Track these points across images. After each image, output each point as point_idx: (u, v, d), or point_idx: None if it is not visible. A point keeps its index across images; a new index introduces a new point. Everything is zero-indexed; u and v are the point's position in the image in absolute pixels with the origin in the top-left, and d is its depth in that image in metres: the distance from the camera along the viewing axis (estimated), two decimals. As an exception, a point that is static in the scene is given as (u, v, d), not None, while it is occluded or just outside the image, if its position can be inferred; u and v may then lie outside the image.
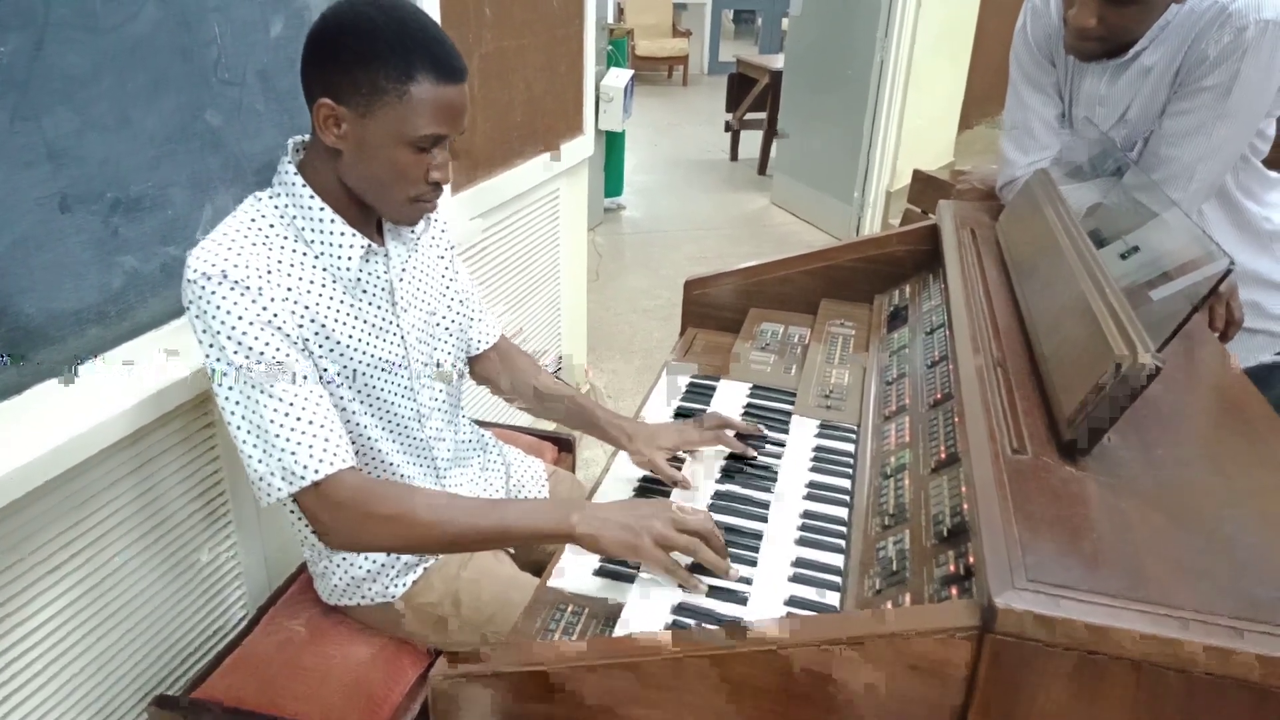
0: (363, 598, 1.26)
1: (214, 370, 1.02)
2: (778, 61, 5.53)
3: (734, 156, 6.57)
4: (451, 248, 1.34)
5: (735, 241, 4.89)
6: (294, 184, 1.08)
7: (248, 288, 1.01)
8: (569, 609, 1.04)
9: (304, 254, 1.08)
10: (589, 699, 0.83)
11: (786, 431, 1.33)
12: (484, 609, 1.23)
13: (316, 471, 1.01)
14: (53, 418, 1.10)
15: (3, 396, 1.07)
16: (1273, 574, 0.71)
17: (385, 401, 1.18)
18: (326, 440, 1.03)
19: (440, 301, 1.26)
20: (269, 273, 1.03)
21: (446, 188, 1.88)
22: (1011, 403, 0.93)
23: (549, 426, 1.83)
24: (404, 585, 1.25)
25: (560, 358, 2.78)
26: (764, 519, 1.13)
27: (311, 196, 1.07)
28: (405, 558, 1.24)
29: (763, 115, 5.98)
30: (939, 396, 1.15)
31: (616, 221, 5.16)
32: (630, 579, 1.03)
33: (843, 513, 1.12)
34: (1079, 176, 1.37)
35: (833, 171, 4.85)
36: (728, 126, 6.42)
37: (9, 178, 1.02)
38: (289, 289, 1.05)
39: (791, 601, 0.97)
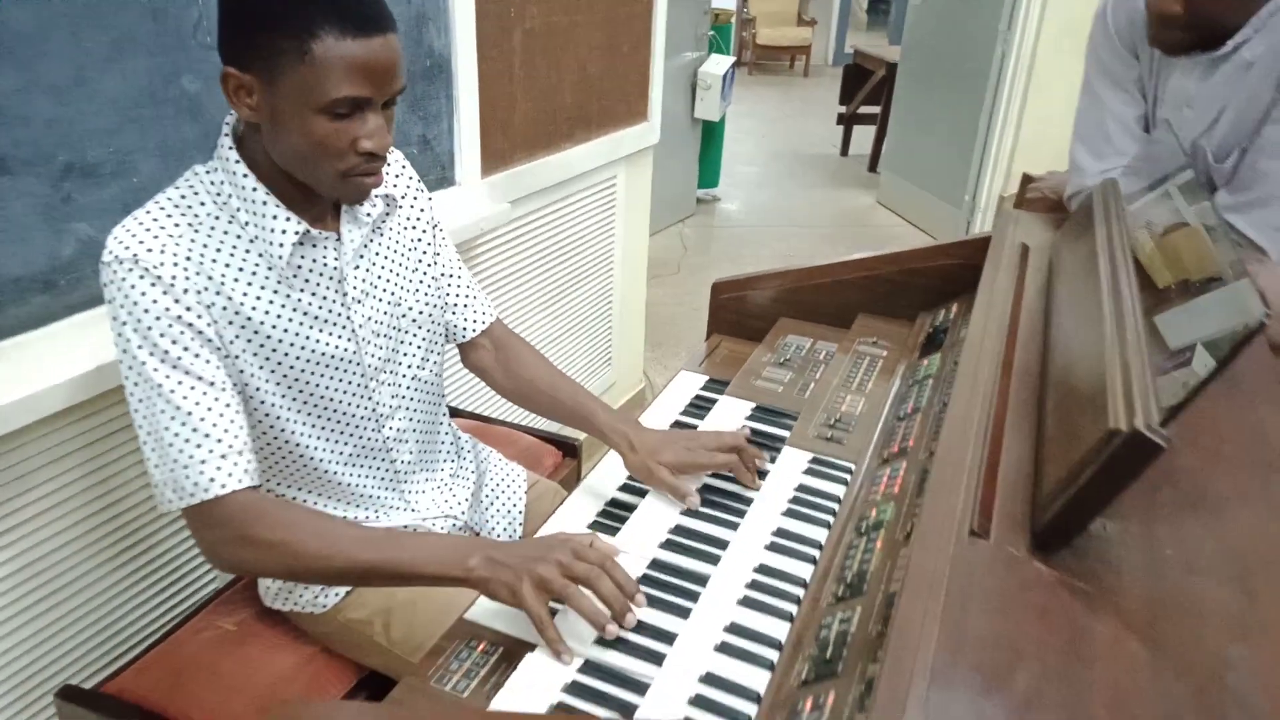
0: (295, 604, 1.17)
1: (120, 361, 0.95)
2: (896, 53, 5.23)
3: (844, 152, 6.29)
4: (435, 226, 1.23)
5: (831, 241, 4.65)
6: (228, 159, 0.98)
7: (159, 277, 0.92)
8: (480, 647, 0.93)
9: (237, 237, 0.98)
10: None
11: (774, 462, 1.17)
12: (414, 635, 1.13)
13: (206, 490, 0.93)
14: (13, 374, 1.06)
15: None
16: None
17: (330, 401, 1.08)
18: (223, 457, 0.94)
19: (408, 290, 1.15)
20: (188, 259, 0.94)
21: (466, 167, 1.82)
22: (993, 467, 0.75)
23: (556, 427, 1.71)
24: (336, 596, 1.16)
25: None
26: (715, 561, 0.98)
27: (245, 175, 0.98)
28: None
29: (877, 109, 5.69)
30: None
31: (709, 213, 5.00)
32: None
33: (806, 570, 0.96)
34: (1155, 191, 1.15)
35: (943, 172, 4.55)
36: (840, 120, 6.14)
37: (-66, 135, 0.97)
38: (210, 278, 0.96)
39: (709, 679, 0.82)
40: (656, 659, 0.86)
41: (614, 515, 1.11)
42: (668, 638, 0.88)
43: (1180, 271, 0.95)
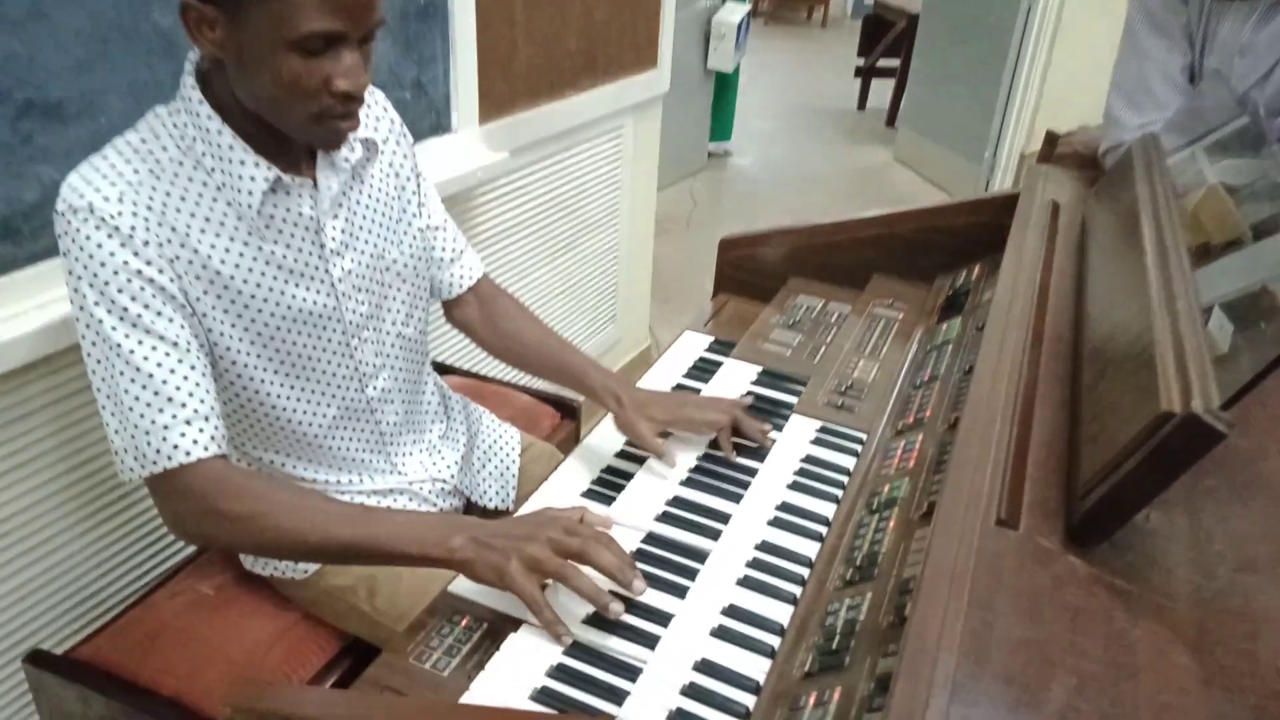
0: (275, 569, 1.12)
1: (77, 320, 0.87)
2: (918, 4, 5.05)
3: (861, 106, 6.12)
4: (419, 175, 1.15)
5: (845, 198, 4.53)
6: (191, 99, 0.90)
7: (116, 228, 0.84)
8: (463, 622, 0.87)
9: (203, 184, 0.90)
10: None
11: (780, 430, 1.10)
12: (399, 604, 1.07)
13: (170, 459, 0.86)
14: None
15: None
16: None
17: (309, 361, 1.01)
18: (188, 423, 0.87)
19: (391, 241, 1.07)
20: (149, 209, 0.87)
21: (463, 113, 1.72)
22: (1022, 448, 0.68)
23: (554, 386, 1.64)
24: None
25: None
26: (715, 536, 0.92)
27: (210, 116, 0.89)
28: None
29: (897, 63, 5.52)
30: (960, 417, 0.90)
31: (721, 168, 4.88)
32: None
33: (811, 549, 0.89)
34: (1201, 147, 1.06)
35: (963, 128, 4.40)
36: (857, 72, 5.97)
37: (-127, 65, 0.90)
38: (174, 229, 0.88)
39: (704, 667, 0.76)
40: (649, 641, 0.80)
41: (610, 484, 1.05)
42: (662, 619, 0.82)
43: (1200, 235, 0.87)
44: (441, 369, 1.63)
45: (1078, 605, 0.54)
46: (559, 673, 0.77)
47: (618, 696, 0.74)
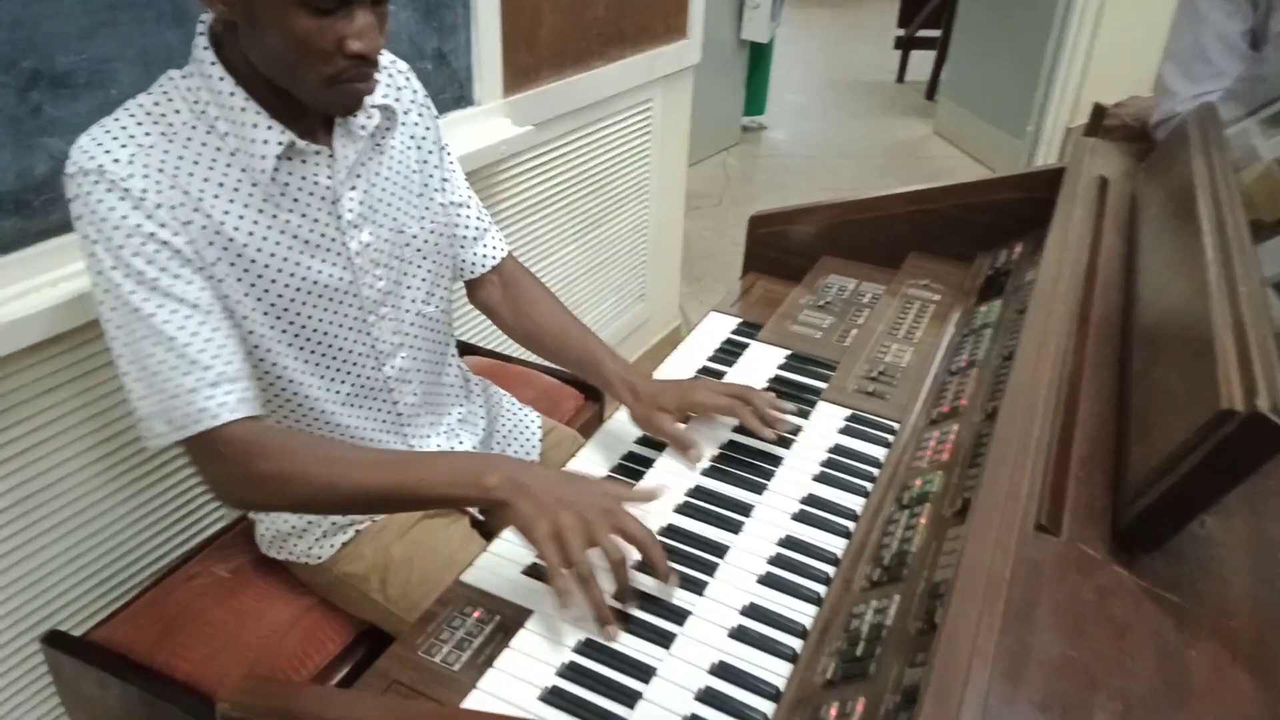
0: (289, 554, 1.10)
1: (94, 285, 0.85)
2: (960, -29, 4.89)
3: (900, 78, 5.98)
4: (443, 149, 1.11)
5: (882, 173, 4.43)
6: (203, 61, 0.87)
7: (128, 190, 0.82)
8: (475, 614, 0.84)
9: (216, 149, 0.88)
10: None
11: (806, 418, 1.05)
12: (411, 593, 1.05)
13: (198, 422, 0.84)
14: None
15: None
16: None
17: (324, 336, 0.98)
18: (214, 385, 0.85)
19: (412, 216, 1.04)
20: (160, 172, 0.84)
21: (486, 85, 1.68)
22: (1065, 443, 0.63)
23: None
24: (332, 548, 1.08)
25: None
26: (736, 529, 0.88)
27: (222, 78, 0.87)
28: (334, 516, 1.08)
29: (938, 34, 5.37)
30: (998, 406, 0.85)
31: (755, 142, 4.79)
32: None
33: (838, 545, 0.85)
34: (1258, 120, 0.99)
35: (1005, 100, 4.27)
36: (897, 43, 5.82)
37: (-125, 36, 0.87)
38: (186, 193, 0.86)
39: (720, 670, 0.72)
40: (665, 640, 0.76)
41: (631, 471, 1.02)
42: (679, 616, 0.78)
43: (1251, 211, 0.80)
44: (463, 349, 1.60)
45: (1125, 621, 0.49)
46: (570, 671, 0.74)
47: (630, 698, 0.71)
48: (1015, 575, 0.51)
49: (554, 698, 0.72)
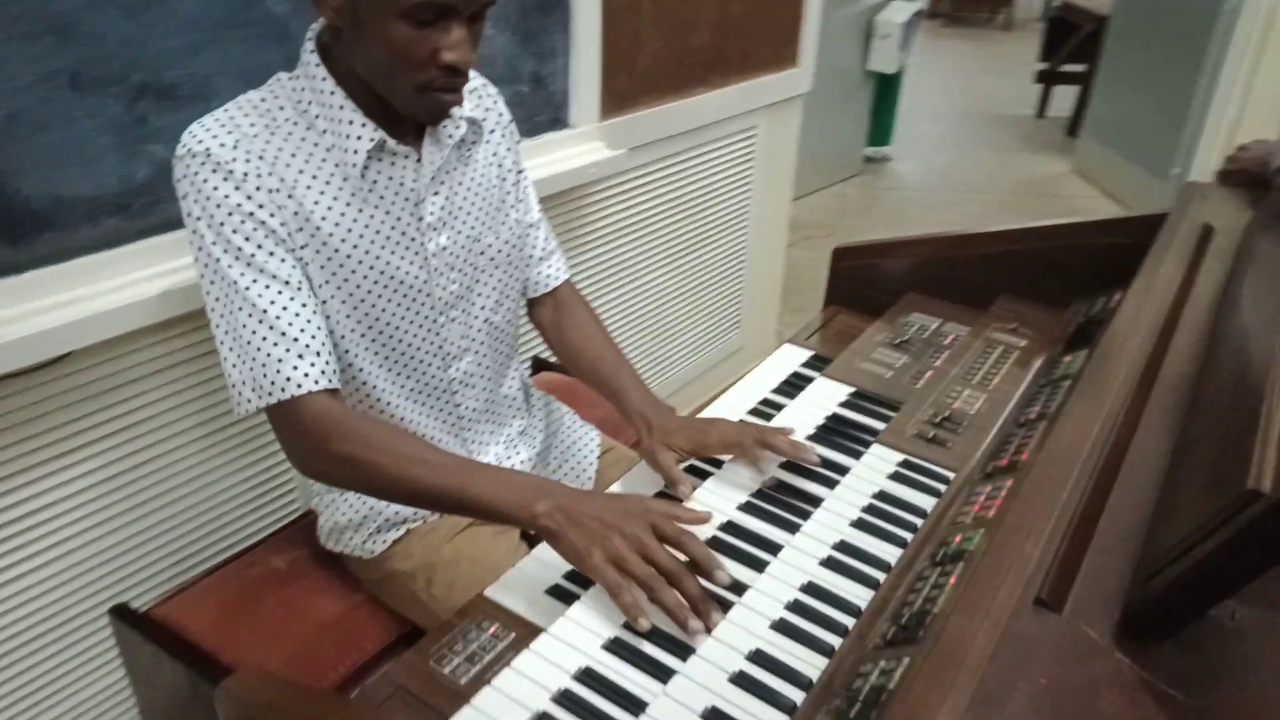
0: (344, 547, 1.14)
1: (196, 260, 0.93)
2: (1107, 5, 4.66)
3: (1040, 113, 5.74)
4: (520, 172, 1.15)
5: (1010, 210, 4.25)
6: (309, 64, 0.94)
7: (231, 172, 0.89)
8: (491, 630, 0.84)
9: (314, 144, 0.94)
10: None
11: (858, 458, 1.01)
12: (454, 595, 1.06)
13: (284, 390, 0.90)
14: (77, 294, 1.09)
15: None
16: None
17: (395, 330, 1.02)
18: (300, 357, 0.91)
19: (489, 227, 1.08)
20: (261, 158, 0.91)
21: (582, 108, 1.70)
22: (1092, 514, 0.58)
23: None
24: (384, 543, 1.11)
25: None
26: (760, 568, 0.85)
27: (324, 78, 0.93)
28: (386, 513, 1.11)
29: (1082, 68, 5.13)
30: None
31: (878, 173, 4.69)
32: None
33: (863, 597, 0.81)
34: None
35: (1150, 139, 4.03)
36: (1038, 77, 5.59)
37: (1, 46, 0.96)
38: (282, 179, 0.92)
39: (711, 715, 0.69)
40: (663, 675, 0.74)
41: (671, 499, 1.00)
42: (683, 651, 0.76)
43: None
44: (539, 365, 1.62)
45: (1113, 715, 0.44)
46: (564, 699, 0.73)
47: (619, 728, 0.69)
48: (999, 652, 0.47)
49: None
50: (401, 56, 0.87)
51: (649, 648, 0.76)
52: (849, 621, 0.77)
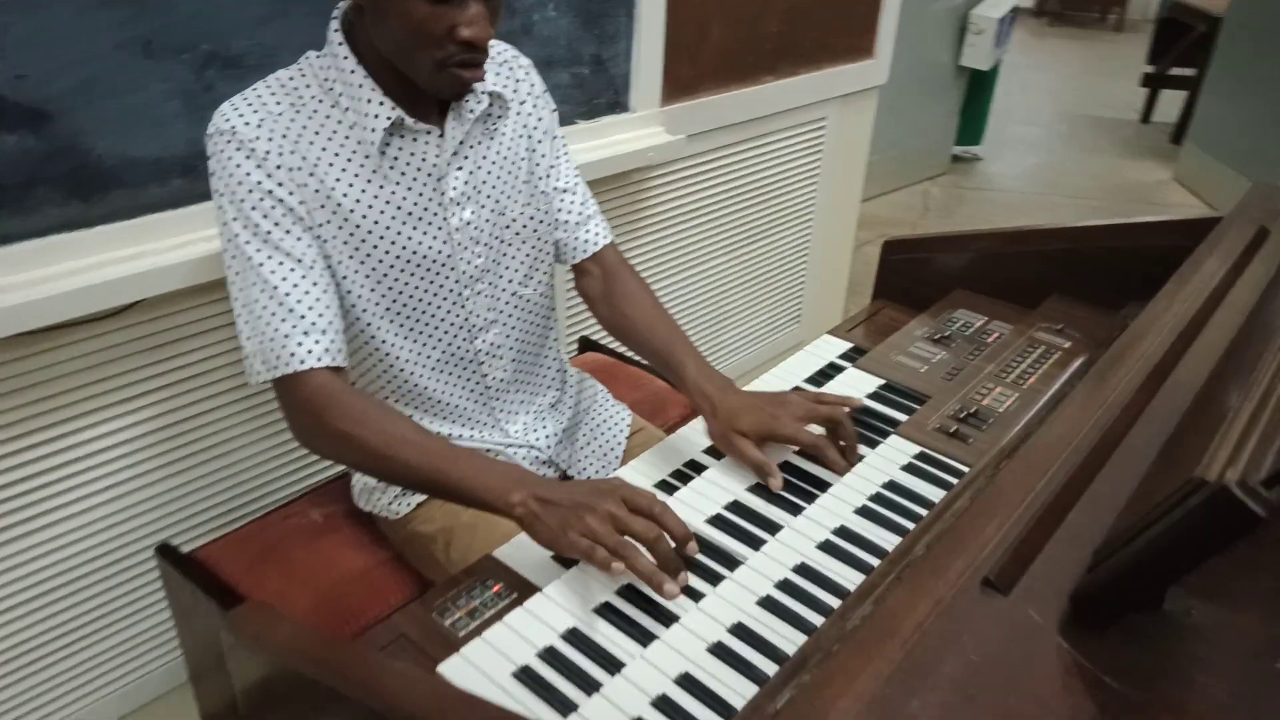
0: (374, 506, 1.18)
1: (220, 234, 0.98)
2: (1221, 5, 4.42)
3: (1145, 118, 5.49)
4: (556, 138, 1.16)
5: (1102, 216, 4.02)
6: (334, 43, 0.98)
7: (253, 150, 0.93)
8: (495, 588, 0.87)
9: (338, 122, 0.98)
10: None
11: (874, 448, 1.00)
12: (470, 558, 1.08)
13: (287, 365, 0.94)
14: (142, 249, 1.15)
15: (68, 229, 1.11)
16: None
17: (419, 304, 1.06)
18: (305, 334, 0.94)
19: (514, 199, 1.10)
20: (284, 137, 0.95)
21: (642, 93, 1.71)
22: (1064, 505, 0.57)
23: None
24: (408, 505, 1.15)
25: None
26: (757, 545, 0.85)
27: (346, 57, 0.97)
28: (410, 475, 1.15)
29: (1191, 72, 4.88)
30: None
31: (965, 173, 4.56)
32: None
33: (853, 580, 0.80)
34: None
35: (1259, 149, 3.82)
36: (1145, 80, 5.35)
37: (80, 14, 1.03)
38: (304, 158, 0.96)
39: (684, 681, 0.71)
40: (645, 638, 0.76)
41: (683, 475, 1.01)
42: (666, 619, 0.77)
43: None
44: (584, 345, 1.64)
45: (1041, 697, 0.44)
46: (547, 655, 0.75)
47: (590, 686, 0.71)
48: (933, 626, 0.47)
49: (525, 677, 0.73)
50: (419, 33, 0.89)
51: (636, 613, 0.78)
52: (835, 602, 0.77)
